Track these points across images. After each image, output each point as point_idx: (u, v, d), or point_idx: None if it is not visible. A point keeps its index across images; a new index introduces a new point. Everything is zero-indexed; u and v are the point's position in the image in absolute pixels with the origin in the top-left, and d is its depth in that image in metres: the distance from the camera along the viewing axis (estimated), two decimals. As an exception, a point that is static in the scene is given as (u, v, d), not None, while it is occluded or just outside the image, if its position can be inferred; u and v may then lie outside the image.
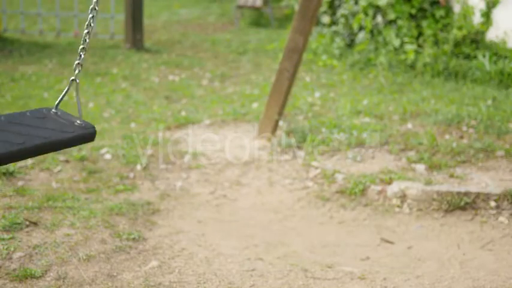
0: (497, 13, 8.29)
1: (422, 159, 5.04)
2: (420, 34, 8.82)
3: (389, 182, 4.61)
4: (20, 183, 4.57)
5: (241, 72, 8.84)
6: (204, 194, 4.69)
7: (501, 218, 4.29)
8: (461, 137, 5.61)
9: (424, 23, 8.74)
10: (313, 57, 9.44)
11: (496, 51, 8.08)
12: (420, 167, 4.90)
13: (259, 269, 3.50)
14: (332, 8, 10.30)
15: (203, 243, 3.87)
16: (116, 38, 10.71)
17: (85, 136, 2.07)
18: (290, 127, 5.82)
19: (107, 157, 5.17)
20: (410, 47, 8.50)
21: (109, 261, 3.50)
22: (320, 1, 5.23)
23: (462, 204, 4.38)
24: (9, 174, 4.64)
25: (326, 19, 10.26)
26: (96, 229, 3.87)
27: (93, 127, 2.10)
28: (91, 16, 2.24)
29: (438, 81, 7.84)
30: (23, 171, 4.78)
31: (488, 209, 4.36)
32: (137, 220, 4.11)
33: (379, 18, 9.16)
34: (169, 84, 8.02)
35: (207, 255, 3.66)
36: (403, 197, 4.49)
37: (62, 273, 3.32)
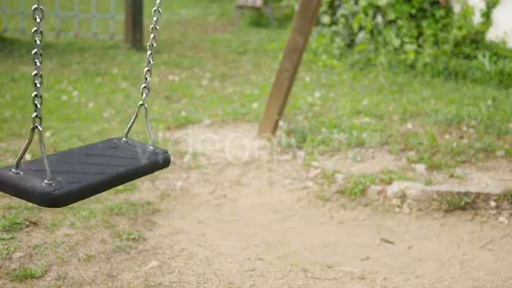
0: (497, 13, 8.29)
1: (422, 159, 5.04)
2: (420, 34, 8.82)
3: (389, 182, 4.61)
4: (20, 183, 4.56)
5: (241, 72, 8.84)
6: (204, 194, 4.69)
7: (501, 218, 4.29)
8: (461, 137, 5.60)
9: (424, 23, 8.74)
10: (313, 57, 9.44)
11: (496, 51, 8.08)
12: (420, 167, 4.90)
13: (259, 269, 3.50)
14: (332, 8, 10.30)
15: (203, 243, 3.86)
16: (116, 38, 10.71)
17: (160, 161, 2.08)
18: (290, 127, 5.82)
19: (107, 157, 5.17)
20: (410, 47, 8.50)
21: (109, 261, 3.50)
22: (320, 1, 5.23)
23: (462, 204, 4.37)
24: (9, 174, 4.64)
25: (326, 19, 10.26)
26: (96, 229, 3.87)
27: (166, 152, 2.10)
28: (152, 36, 2.14)
29: (438, 81, 7.84)
30: (23, 171, 4.77)
31: (488, 209, 4.36)
32: (137, 220, 4.11)
33: (379, 18, 9.16)
34: (169, 84, 8.02)
35: (207, 255, 3.66)
36: (403, 197, 4.49)
37: (62, 273, 3.32)
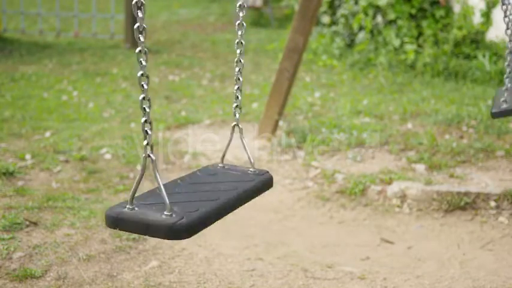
0: (497, 13, 8.29)
1: (422, 159, 5.04)
2: (420, 34, 8.81)
3: (389, 182, 4.61)
4: (20, 183, 4.56)
5: (241, 72, 8.83)
6: (204, 194, 4.68)
7: (501, 218, 4.28)
8: (461, 137, 5.60)
9: (424, 23, 8.73)
10: (313, 57, 9.44)
11: (496, 51, 8.08)
12: (420, 167, 4.90)
13: (259, 269, 3.50)
14: (332, 8, 10.30)
15: (203, 243, 3.86)
16: (116, 38, 10.71)
17: (265, 182, 2.05)
18: (290, 127, 5.82)
19: (107, 157, 5.17)
20: (410, 47, 8.50)
21: (109, 261, 3.50)
22: (320, 1, 5.23)
23: (462, 204, 4.37)
24: (9, 174, 4.64)
25: (326, 19, 10.26)
26: (96, 229, 3.87)
27: (267, 172, 2.09)
28: (238, 70, 2.14)
29: (438, 81, 7.84)
30: (23, 171, 4.78)
31: (488, 209, 4.36)
32: (137, 220, 4.10)
33: (379, 18, 9.16)
34: (169, 84, 8.02)
35: (207, 255, 3.66)
36: (403, 197, 4.48)
37: (62, 273, 3.32)
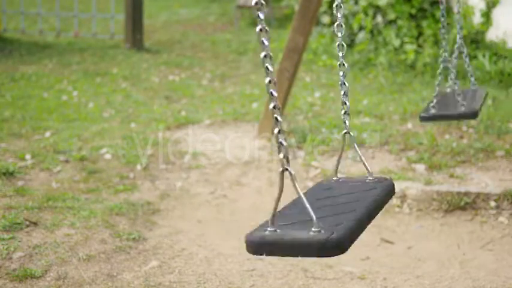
0: (497, 13, 8.29)
1: (422, 159, 5.04)
2: (420, 34, 8.81)
3: (389, 182, 4.61)
4: (20, 183, 4.56)
5: (241, 72, 8.84)
6: (204, 194, 4.68)
7: (501, 218, 4.28)
8: (461, 137, 5.60)
9: (424, 23, 8.73)
10: (313, 57, 9.43)
11: (496, 51, 8.08)
12: (420, 167, 4.90)
13: (259, 269, 3.49)
14: (332, 8, 10.29)
15: (203, 243, 3.86)
16: (116, 38, 10.70)
17: (391, 187, 1.97)
18: (290, 127, 5.82)
19: (107, 157, 5.17)
20: (410, 47, 8.50)
21: (109, 261, 3.50)
22: (320, 1, 5.23)
23: (462, 204, 4.37)
24: (9, 174, 4.64)
25: (326, 19, 10.26)
26: (96, 229, 3.87)
27: (387, 178, 2.00)
28: (342, 73, 1.90)
29: (438, 81, 7.84)
30: (23, 171, 4.78)
31: (488, 209, 4.36)
32: (137, 220, 4.11)
33: (379, 18, 9.16)
34: (169, 84, 8.02)
35: (207, 255, 3.66)
36: (403, 197, 4.48)
37: (62, 273, 3.32)
